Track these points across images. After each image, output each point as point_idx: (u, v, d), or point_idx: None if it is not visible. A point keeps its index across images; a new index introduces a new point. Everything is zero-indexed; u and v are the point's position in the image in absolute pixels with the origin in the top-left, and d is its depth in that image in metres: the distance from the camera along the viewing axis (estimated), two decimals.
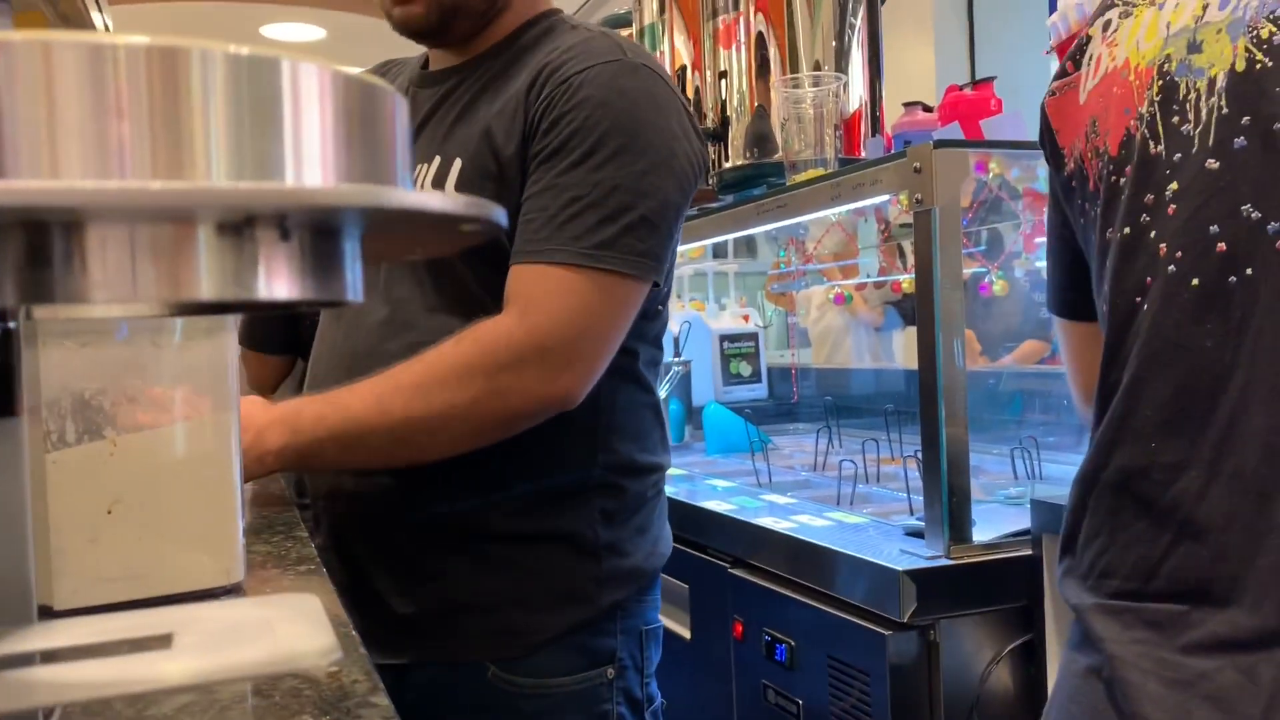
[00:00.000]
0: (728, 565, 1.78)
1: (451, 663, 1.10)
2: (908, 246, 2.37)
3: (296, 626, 0.49)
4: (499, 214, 0.33)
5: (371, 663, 0.62)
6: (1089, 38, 0.86)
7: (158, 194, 0.28)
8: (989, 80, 1.98)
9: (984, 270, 2.26)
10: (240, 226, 0.32)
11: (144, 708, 0.55)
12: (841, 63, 2.17)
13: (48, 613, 0.72)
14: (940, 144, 1.45)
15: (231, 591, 0.80)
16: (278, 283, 0.33)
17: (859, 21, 2.18)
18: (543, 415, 1.02)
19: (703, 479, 2.22)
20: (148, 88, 0.30)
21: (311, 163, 0.32)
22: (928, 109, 2.09)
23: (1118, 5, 0.84)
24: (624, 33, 2.94)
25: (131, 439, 0.79)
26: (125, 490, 0.79)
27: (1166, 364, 0.72)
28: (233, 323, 0.81)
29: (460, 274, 1.07)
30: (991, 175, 2.06)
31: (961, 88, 2.05)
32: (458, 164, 1.08)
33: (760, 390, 3.00)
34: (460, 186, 1.07)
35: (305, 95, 0.32)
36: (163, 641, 0.47)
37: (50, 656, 0.47)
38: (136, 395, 0.79)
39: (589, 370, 1.01)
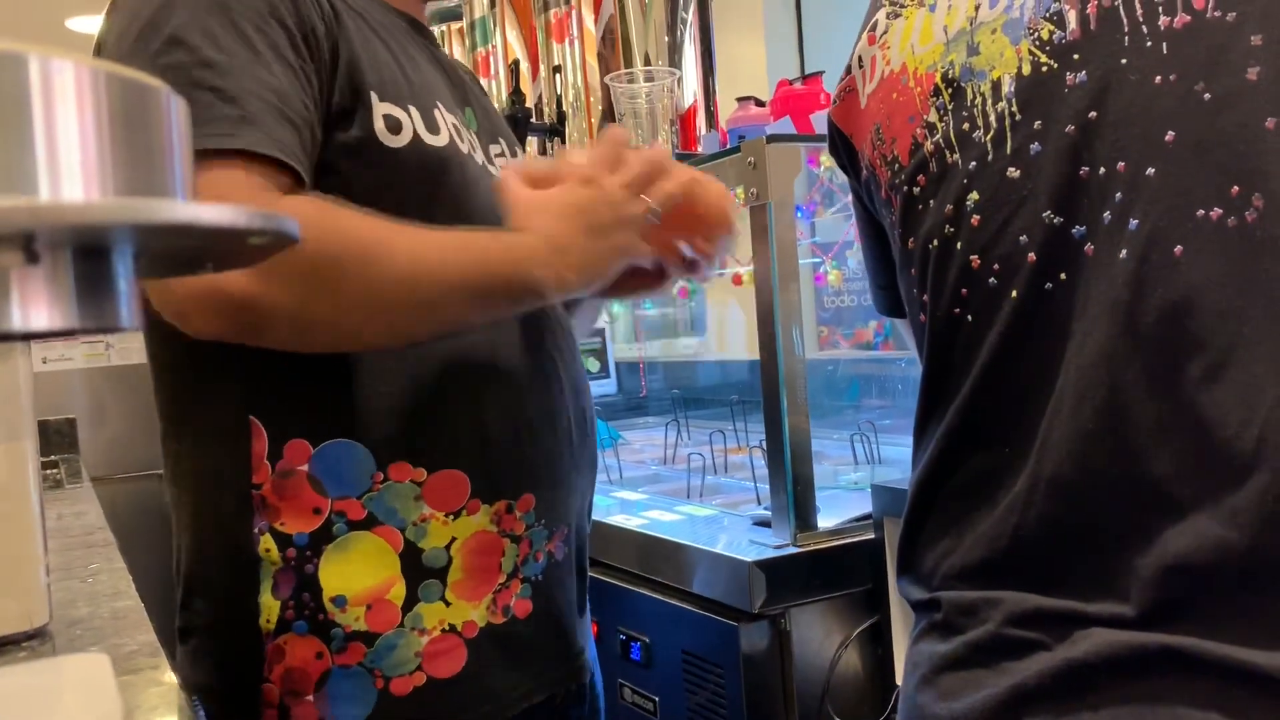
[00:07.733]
0: None
1: None
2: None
3: (79, 696, 0.44)
4: (290, 226, 0.30)
5: None
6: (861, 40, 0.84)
7: None
8: (818, 74, 2.02)
9: (819, 260, 2.31)
10: None
11: None
12: (675, 57, 2.18)
13: None
14: (773, 139, 1.46)
15: (35, 638, 0.73)
16: (36, 312, 0.29)
17: (690, 16, 2.19)
18: None
19: None
20: None
21: (70, 174, 0.29)
22: (760, 103, 2.12)
23: (884, 5, 0.82)
24: (454, 27, 2.89)
25: None
26: None
27: (996, 375, 0.72)
28: (23, 344, 0.74)
29: None
30: (823, 168, 2.11)
31: (792, 82, 2.08)
32: (520, 154, 1.10)
33: (609, 385, 2.99)
34: None
35: (60, 96, 0.29)
36: None
37: None
38: None
39: None
